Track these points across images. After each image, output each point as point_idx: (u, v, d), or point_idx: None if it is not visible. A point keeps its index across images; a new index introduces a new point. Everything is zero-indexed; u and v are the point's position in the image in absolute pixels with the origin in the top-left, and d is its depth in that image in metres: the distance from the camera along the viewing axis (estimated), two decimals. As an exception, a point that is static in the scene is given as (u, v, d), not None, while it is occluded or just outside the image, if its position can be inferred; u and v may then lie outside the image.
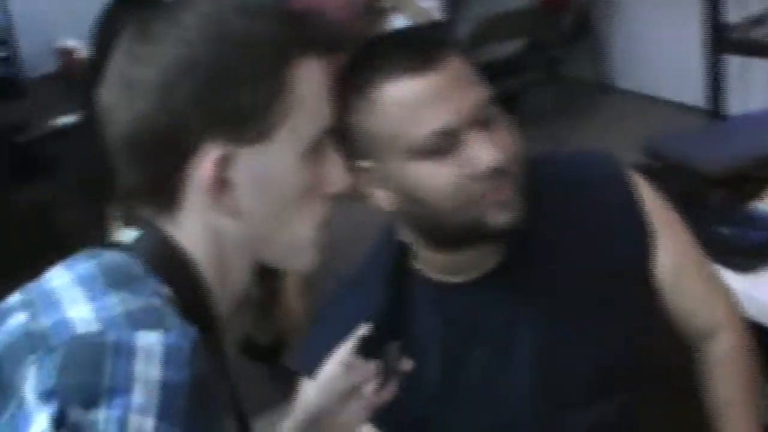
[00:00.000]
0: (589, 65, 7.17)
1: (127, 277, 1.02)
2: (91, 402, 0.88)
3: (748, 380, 1.78)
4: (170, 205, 1.10)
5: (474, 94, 1.48)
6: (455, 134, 1.45)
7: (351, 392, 1.39)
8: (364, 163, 1.51)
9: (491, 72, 5.30)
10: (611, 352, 1.63)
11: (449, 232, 1.52)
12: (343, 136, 1.48)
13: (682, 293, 1.74)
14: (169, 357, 0.92)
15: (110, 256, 1.07)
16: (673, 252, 1.72)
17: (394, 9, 5.77)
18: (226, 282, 1.13)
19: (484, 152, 1.46)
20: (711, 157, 2.70)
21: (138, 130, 1.07)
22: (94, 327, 0.95)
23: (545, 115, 6.35)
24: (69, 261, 1.09)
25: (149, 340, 0.93)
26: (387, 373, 1.40)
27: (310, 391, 1.43)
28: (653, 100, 6.64)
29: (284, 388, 1.57)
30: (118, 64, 1.10)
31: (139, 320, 0.95)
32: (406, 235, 1.61)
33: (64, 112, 4.81)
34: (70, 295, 1.00)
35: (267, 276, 2.12)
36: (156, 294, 1.01)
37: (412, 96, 1.45)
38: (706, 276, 1.81)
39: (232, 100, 1.05)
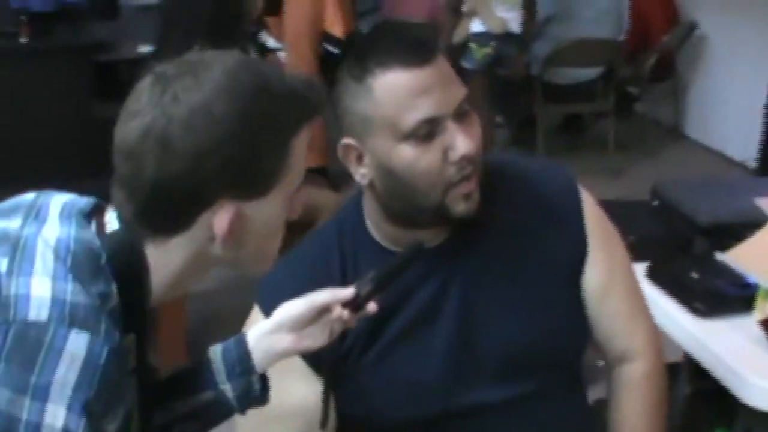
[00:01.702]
0: (662, 107, 7.25)
1: (89, 269, 1.25)
2: (20, 390, 1.16)
3: (655, 411, 1.89)
4: (166, 234, 1.31)
5: (457, 90, 1.66)
6: (439, 123, 1.63)
7: (321, 313, 1.54)
8: (352, 141, 1.69)
9: (562, 94, 5.40)
10: (526, 340, 1.76)
11: (415, 210, 1.69)
12: (335, 115, 1.70)
13: (603, 313, 1.84)
14: (87, 361, 1.18)
15: (89, 237, 1.28)
16: (602, 269, 1.83)
17: (474, 14, 5.89)
18: (180, 285, 1.37)
19: (462, 141, 1.64)
20: (702, 207, 2.82)
21: (166, 182, 1.27)
22: (43, 316, 1.19)
23: (608, 147, 6.41)
24: (70, 205, 1.33)
25: (78, 343, 1.19)
26: (357, 303, 1.55)
27: (290, 304, 1.56)
28: (715, 155, 6.71)
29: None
30: (151, 116, 1.27)
31: (78, 318, 1.20)
32: (370, 207, 1.78)
33: (148, 42, 5.06)
34: (43, 262, 1.24)
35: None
36: (100, 296, 1.24)
37: (406, 86, 1.62)
38: (632, 301, 1.90)
39: (252, 167, 1.29)
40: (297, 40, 5.03)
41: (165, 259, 1.33)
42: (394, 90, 1.63)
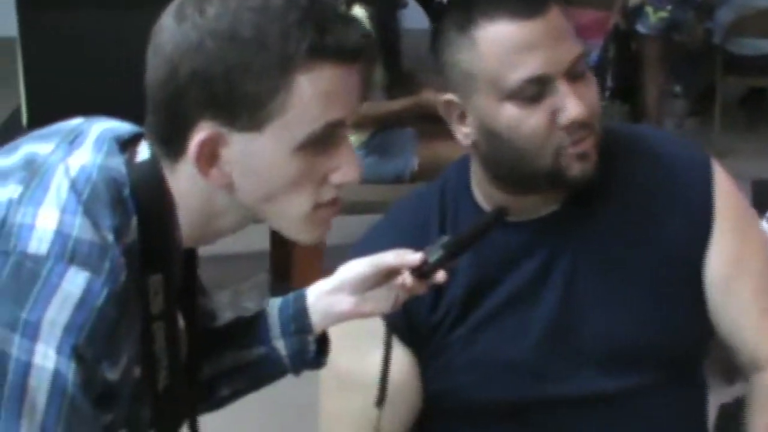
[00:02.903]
0: None
1: (108, 200, 1.18)
2: (10, 326, 1.10)
3: None
4: (171, 155, 1.22)
5: (571, 48, 1.53)
6: (548, 83, 1.51)
7: (388, 276, 1.43)
8: (453, 97, 1.58)
9: (744, 65, 5.18)
10: (634, 332, 1.62)
11: (525, 175, 1.57)
12: (440, 65, 1.59)
13: (727, 309, 1.65)
14: (82, 302, 1.12)
15: (116, 166, 1.21)
16: (727, 257, 1.65)
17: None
18: (210, 223, 1.26)
19: (573, 105, 1.51)
20: None
21: (155, 88, 1.20)
22: (43, 249, 1.12)
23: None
24: (108, 132, 1.25)
25: (75, 281, 1.12)
26: (424, 270, 1.42)
27: (354, 263, 1.46)
28: None
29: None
30: (157, 25, 1.21)
31: (80, 254, 1.13)
32: (476, 170, 1.65)
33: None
34: (57, 192, 1.17)
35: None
36: (114, 230, 1.16)
37: (513, 40, 1.51)
38: (765, 297, 1.68)
39: (226, 87, 1.15)
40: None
41: (182, 192, 1.23)
42: (499, 43, 1.52)
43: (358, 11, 3.57)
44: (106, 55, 4.74)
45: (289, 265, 3.84)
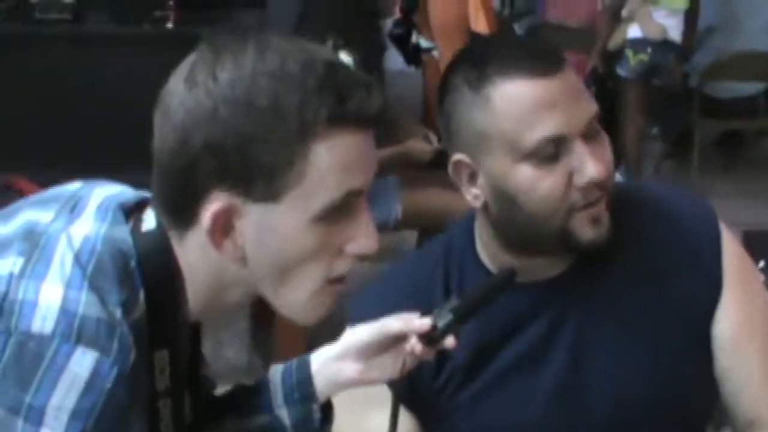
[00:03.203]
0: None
1: (114, 274, 1.12)
2: (13, 410, 1.06)
3: None
4: (181, 226, 1.16)
5: (587, 106, 1.50)
6: (565, 143, 1.47)
7: (394, 342, 1.38)
8: (464, 157, 1.52)
9: (721, 108, 5.20)
10: (643, 393, 1.57)
11: (536, 237, 1.52)
12: (446, 127, 1.53)
13: (733, 369, 1.61)
14: (90, 385, 1.07)
15: (121, 236, 1.15)
16: (736, 317, 1.61)
17: (633, 19, 5.71)
18: (217, 297, 1.21)
19: (592, 165, 1.47)
20: None
21: (165, 157, 1.15)
22: (47, 328, 1.07)
23: (768, 167, 6.14)
24: (111, 199, 1.19)
25: (83, 363, 1.07)
26: (433, 336, 1.37)
27: (360, 329, 1.42)
28: None
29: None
30: (166, 89, 1.17)
31: (87, 333, 1.08)
32: (483, 232, 1.60)
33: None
34: (61, 265, 1.11)
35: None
36: (122, 305, 1.11)
37: (532, 99, 1.46)
38: (765, 364, 1.63)
39: (242, 157, 1.10)
40: (445, 36, 4.91)
41: (191, 264, 1.18)
42: (516, 102, 1.47)
43: (344, 57, 3.55)
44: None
45: (271, 311, 3.77)
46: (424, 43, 4.94)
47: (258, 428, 1.38)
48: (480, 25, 4.95)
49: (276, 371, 1.40)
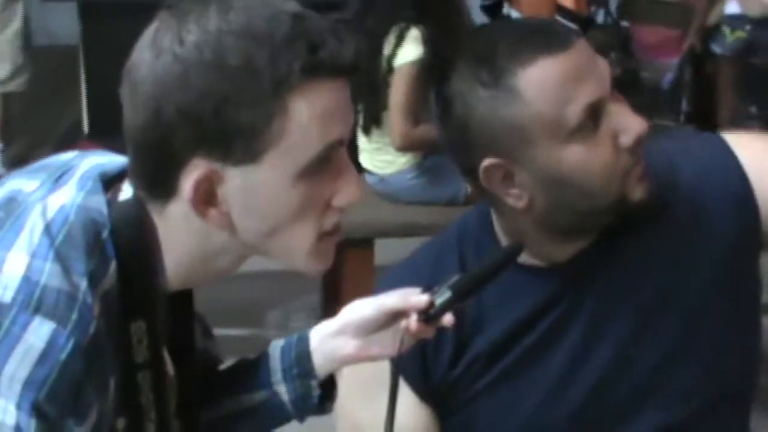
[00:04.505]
0: None
1: (84, 244, 1.10)
2: None
3: None
4: (161, 197, 1.14)
5: (606, 67, 1.46)
6: (601, 108, 1.42)
7: (394, 319, 1.34)
8: (496, 161, 1.44)
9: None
10: (650, 377, 1.52)
11: (590, 214, 1.46)
12: (458, 139, 1.46)
13: None
14: (44, 356, 1.05)
15: (96, 206, 1.13)
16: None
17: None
18: (206, 264, 1.19)
19: (632, 120, 1.43)
20: None
21: (137, 131, 1.11)
22: (7, 297, 1.06)
23: None
24: (96, 168, 1.17)
25: (38, 333, 1.05)
26: (431, 313, 1.32)
27: (359, 305, 1.38)
28: None
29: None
30: (131, 61, 1.13)
31: (47, 304, 1.06)
32: (519, 229, 1.51)
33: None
34: (30, 234, 1.10)
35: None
36: (88, 275, 1.09)
37: (559, 74, 1.40)
38: None
39: (218, 121, 1.07)
40: (532, 9, 4.83)
41: (172, 234, 1.15)
42: (547, 83, 1.40)
43: (414, 33, 3.50)
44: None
45: (340, 285, 3.77)
46: (515, 15, 4.86)
47: (256, 404, 1.35)
48: (567, 1, 4.86)
49: (276, 347, 1.37)
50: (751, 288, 1.59)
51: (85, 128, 5.65)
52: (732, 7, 5.52)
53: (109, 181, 1.16)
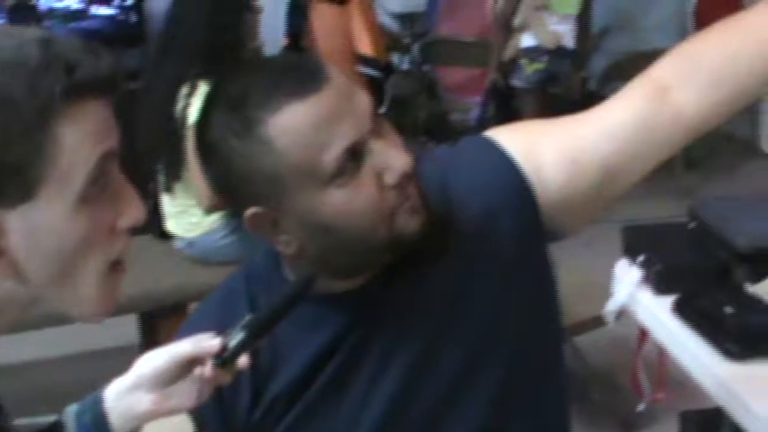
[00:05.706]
0: (737, 121, 6.85)
1: None
2: None
3: None
4: None
5: (364, 101, 1.39)
6: (361, 148, 1.36)
7: (190, 367, 1.31)
8: (259, 210, 1.41)
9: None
10: (445, 396, 1.50)
11: (365, 255, 1.42)
12: (224, 188, 1.42)
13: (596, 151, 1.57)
14: None
15: None
16: (558, 170, 1.52)
17: (526, 28, 5.70)
18: None
19: (394, 158, 1.38)
20: (745, 230, 2.46)
21: None
22: None
23: (675, 165, 6.04)
24: None
25: None
26: (226, 357, 1.30)
27: (152, 356, 1.34)
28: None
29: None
30: None
31: None
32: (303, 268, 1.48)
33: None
34: None
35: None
36: None
37: (309, 120, 1.34)
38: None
39: None
40: (333, 64, 4.84)
41: None
42: (297, 131, 1.34)
43: (204, 88, 3.46)
44: None
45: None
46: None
47: None
48: (365, 48, 4.90)
49: (69, 412, 1.31)
50: (545, 273, 1.57)
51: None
52: (528, 41, 5.70)
53: None
